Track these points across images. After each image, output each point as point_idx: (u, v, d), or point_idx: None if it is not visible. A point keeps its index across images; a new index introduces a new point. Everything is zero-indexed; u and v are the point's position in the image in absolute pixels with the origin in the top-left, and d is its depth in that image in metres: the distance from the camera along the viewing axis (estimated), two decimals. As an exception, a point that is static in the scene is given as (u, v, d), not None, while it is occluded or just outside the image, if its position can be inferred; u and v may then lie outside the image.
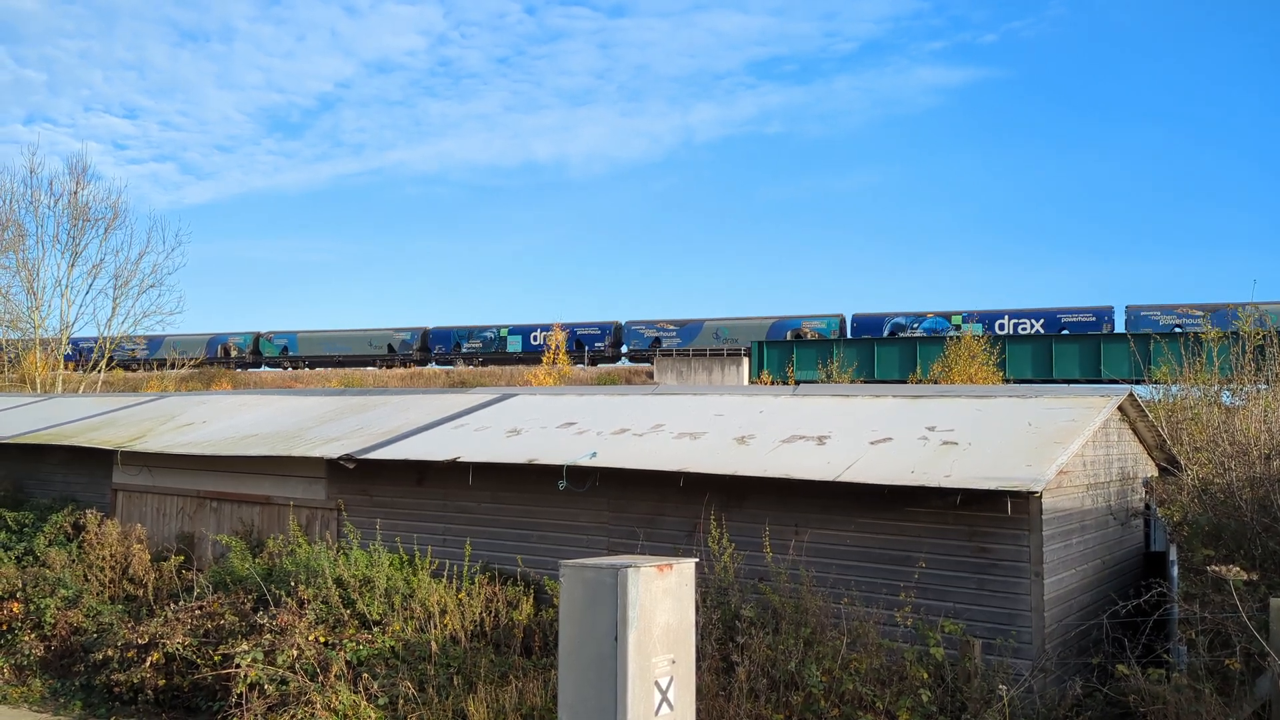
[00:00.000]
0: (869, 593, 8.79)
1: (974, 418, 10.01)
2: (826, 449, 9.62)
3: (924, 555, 8.67)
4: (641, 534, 10.20)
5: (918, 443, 9.41)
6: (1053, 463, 8.35)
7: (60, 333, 35.92)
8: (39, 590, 12.14)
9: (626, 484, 10.30)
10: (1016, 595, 8.31)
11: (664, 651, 6.33)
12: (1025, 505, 8.30)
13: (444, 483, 11.67)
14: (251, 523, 13.38)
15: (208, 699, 9.65)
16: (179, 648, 9.81)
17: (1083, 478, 9.63)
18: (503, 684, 8.63)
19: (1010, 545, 8.39)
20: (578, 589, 6.40)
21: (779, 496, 9.45)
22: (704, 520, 9.74)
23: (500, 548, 11.05)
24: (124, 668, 10.04)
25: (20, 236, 35.24)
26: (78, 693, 10.72)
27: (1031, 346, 42.03)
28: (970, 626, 8.33)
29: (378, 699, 8.74)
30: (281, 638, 9.34)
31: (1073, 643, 8.92)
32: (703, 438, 10.59)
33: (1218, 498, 10.28)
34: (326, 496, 12.69)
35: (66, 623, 11.64)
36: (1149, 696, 7.50)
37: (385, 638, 9.49)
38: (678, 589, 6.51)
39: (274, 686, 8.96)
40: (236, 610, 10.23)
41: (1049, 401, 10.23)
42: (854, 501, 9.04)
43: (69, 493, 15.72)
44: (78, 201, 35.65)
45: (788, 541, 9.27)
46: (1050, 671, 8.18)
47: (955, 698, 7.87)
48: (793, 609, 8.57)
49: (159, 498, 14.71)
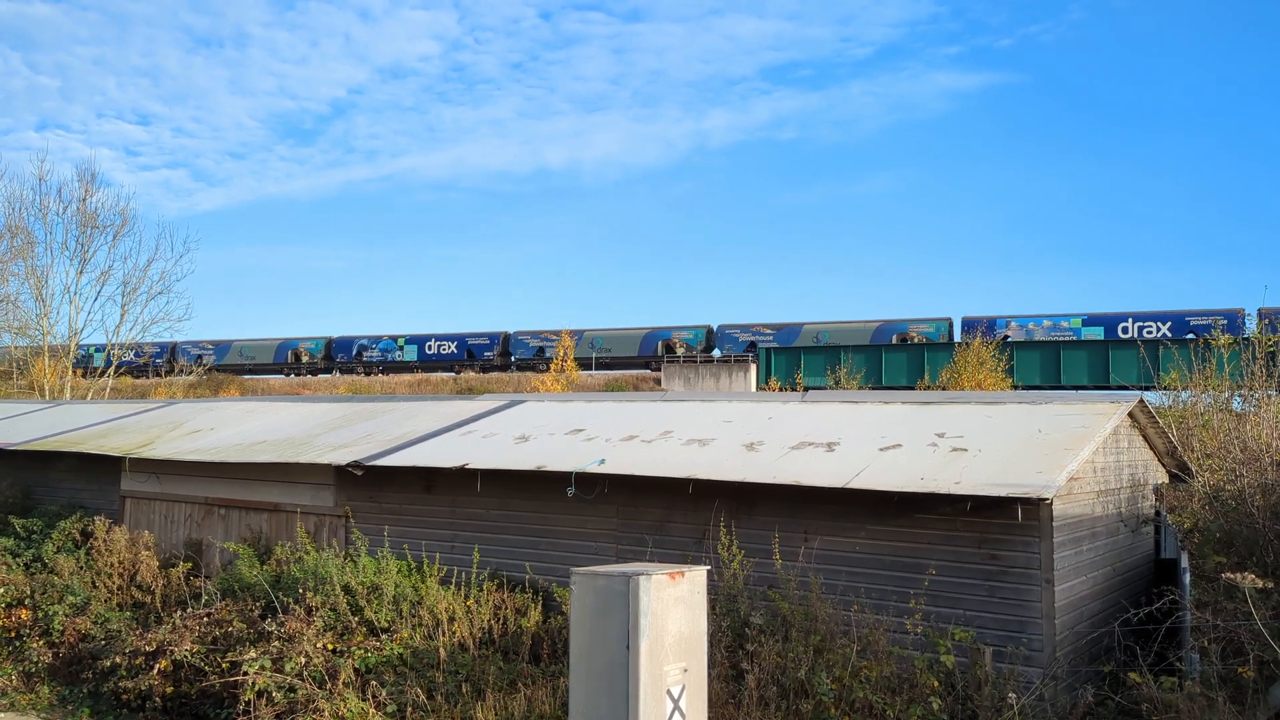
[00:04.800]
0: (879, 600, 8.76)
1: (983, 424, 9.97)
2: (836, 455, 9.59)
3: (934, 562, 8.64)
4: (650, 541, 10.17)
5: (927, 449, 9.37)
6: (1063, 469, 8.31)
7: (69, 339, 36.02)
8: (47, 597, 12.14)
9: (635, 491, 10.28)
10: (1027, 602, 8.27)
11: (676, 660, 6.30)
12: (1036, 512, 8.26)
13: (452, 489, 11.66)
14: (259, 530, 13.38)
15: (215, 706, 9.64)
16: (187, 655, 9.80)
17: (1093, 484, 9.59)
18: (511, 692, 8.61)
19: (1021, 552, 8.36)
20: (589, 597, 6.37)
21: (788, 503, 9.42)
22: (713, 527, 9.72)
23: (509, 555, 11.03)
24: (132, 675, 10.03)
25: (29, 243, 35.37)
26: (85, 700, 10.71)
27: (1039, 353, 41.92)
28: (981, 634, 8.29)
29: (386, 706, 8.72)
30: (289, 645, 9.32)
31: (1084, 650, 8.87)
32: (711, 444, 10.56)
33: (1229, 504, 10.21)
34: (334, 503, 12.68)
35: (74, 630, 11.63)
36: (1161, 704, 7.45)
37: (393, 645, 9.47)
38: (689, 597, 6.48)
39: (282, 694, 8.94)
40: (244, 617, 10.21)
41: (1059, 408, 10.19)
42: (864, 508, 9.01)
43: (77, 500, 15.73)
44: (86, 208, 35.78)
45: (797, 548, 9.24)
46: (1061, 679, 8.13)
47: (966, 705, 7.83)
48: (802, 616, 8.54)
49: (167, 505, 14.72)
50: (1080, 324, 45.63)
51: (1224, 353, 15.09)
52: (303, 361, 61.18)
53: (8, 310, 35.38)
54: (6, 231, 35.37)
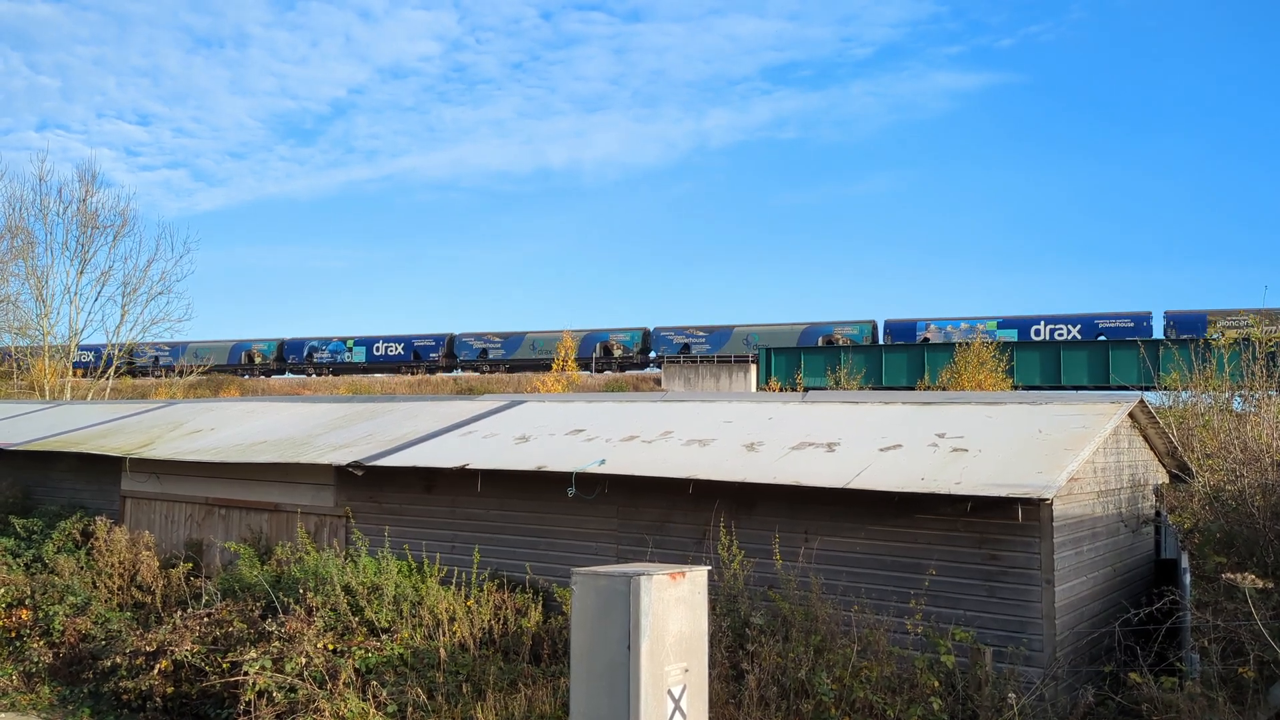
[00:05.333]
0: (879, 600, 8.76)
1: (984, 424, 9.98)
2: (836, 456, 9.59)
3: (934, 562, 8.64)
4: (650, 541, 10.18)
5: (928, 450, 9.38)
6: (1064, 469, 8.31)
7: (69, 340, 36.03)
8: (48, 597, 12.15)
9: (635, 491, 10.28)
10: (1027, 603, 8.27)
11: (677, 660, 6.31)
12: (1036, 512, 8.27)
13: (452, 490, 11.67)
14: (260, 530, 13.38)
15: (216, 706, 9.64)
16: (187, 655, 9.80)
17: (1093, 485, 9.59)
18: (512, 692, 8.61)
19: (1021, 552, 8.36)
20: (590, 597, 6.37)
21: (788, 503, 9.42)
22: (713, 527, 9.72)
23: (509, 555, 11.03)
24: (132, 675, 10.03)
25: (29, 244, 35.43)
26: (86, 700, 10.71)
27: (1040, 353, 41.94)
28: (981, 634, 8.29)
29: (386, 706, 8.72)
30: (290, 645, 9.33)
31: (1084, 650, 8.88)
32: (712, 444, 10.56)
33: (1229, 505, 10.22)
34: (335, 503, 12.69)
35: (75, 630, 11.63)
36: (1162, 705, 7.46)
37: (394, 645, 9.48)
38: (690, 597, 6.49)
39: (282, 694, 8.94)
40: (245, 618, 10.21)
41: (1059, 408, 10.19)
42: (864, 508, 9.01)
43: (78, 500, 15.74)
44: (87, 208, 35.85)
45: (797, 548, 9.24)
46: (1062, 679, 8.13)
47: (966, 706, 7.83)
48: (803, 616, 8.54)
49: (167, 505, 14.72)
50: (995, 326, 46.89)
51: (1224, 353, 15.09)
52: (255, 363, 62.62)
53: (8, 310, 35.45)
54: (7, 232, 35.44)
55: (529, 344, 55.56)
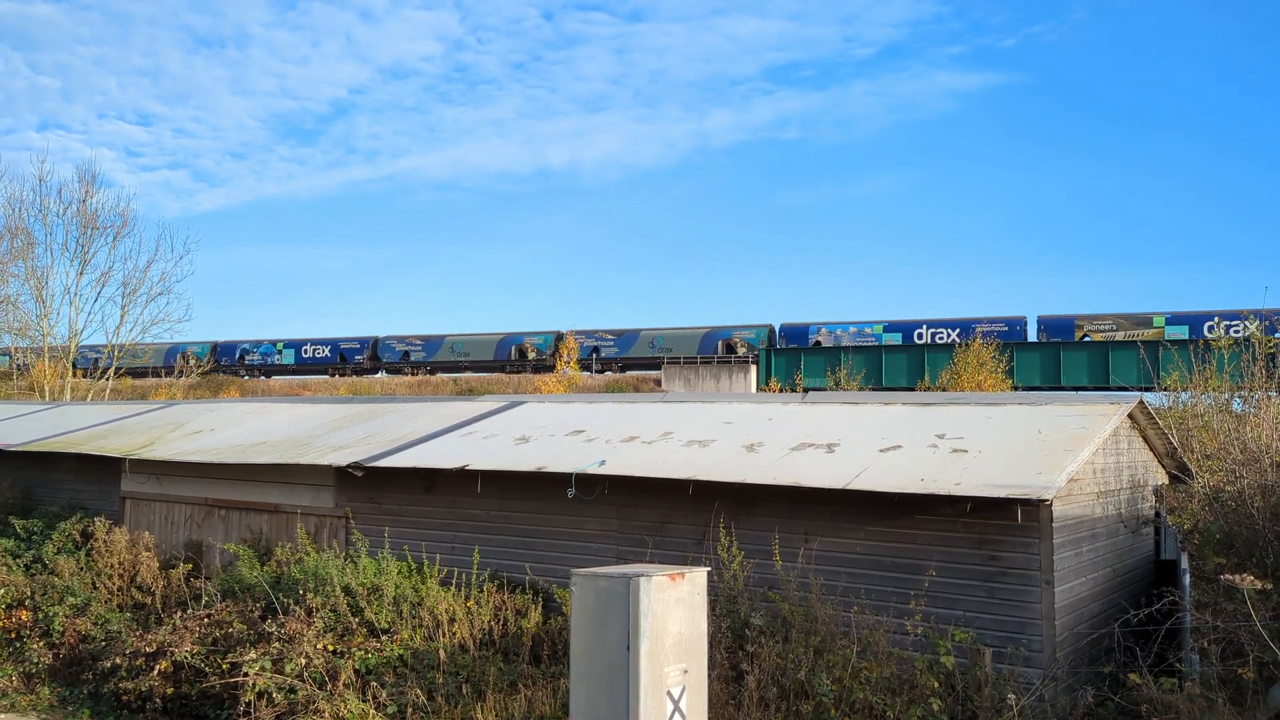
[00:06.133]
0: (879, 601, 8.76)
1: (983, 425, 9.98)
2: (836, 456, 9.59)
3: (934, 563, 8.64)
4: (650, 542, 10.18)
5: (927, 450, 9.38)
6: (1063, 470, 8.32)
7: (69, 340, 36.04)
8: (47, 598, 12.15)
9: (635, 492, 10.28)
10: (1027, 603, 8.27)
11: (676, 661, 6.31)
12: (1036, 513, 8.27)
13: (452, 490, 11.67)
14: (260, 530, 13.38)
15: (216, 707, 9.64)
16: (187, 656, 9.81)
17: (1093, 485, 9.60)
18: (512, 692, 8.61)
19: (1021, 553, 8.36)
20: (589, 598, 6.38)
21: (788, 504, 9.42)
22: (713, 528, 9.72)
23: (509, 555, 11.03)
24: (132, 676, 10.03)
25: (29, 244, 35.47)
26: (86, 701, 10.72)
27: (1039, 354, 41.92)
28: (980, 635, 8.29)
29: (386, 707, 8.73)
30: (290, 646, 9.33)
31: (1084, 651, 8.88)
32: (712, 445, 10.57)
33: (1229, 505, 10.22)
34: (335, 504, 12.69)
35: (75, 630, 11.63)
36: (1161, 705, 7.46)
37: (394, 646, 9.48)
38: (690, 598, 6.49)
39: (282, 695, 8.95)
40: (245, 618, 10.22)
41: (1059, 409, 10.20)
42: (864, 509, 9.01)
43: (77, 500, 15.74)
44: (87, 209, 35.90)
45: (797, 549, 9.24)
46: (1061, 680, 8.13)
47: (966, 706, 7.83)
48: (802, 617, 8.54)
49: (167, 505, 14.73)
50: (882, 330, 47.95)
51: (1225, 354, 15.09)
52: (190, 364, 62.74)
53: (8, 311, 35.47)
54: (7, 232, 35.48)
55: (448, 346, 56.84)
